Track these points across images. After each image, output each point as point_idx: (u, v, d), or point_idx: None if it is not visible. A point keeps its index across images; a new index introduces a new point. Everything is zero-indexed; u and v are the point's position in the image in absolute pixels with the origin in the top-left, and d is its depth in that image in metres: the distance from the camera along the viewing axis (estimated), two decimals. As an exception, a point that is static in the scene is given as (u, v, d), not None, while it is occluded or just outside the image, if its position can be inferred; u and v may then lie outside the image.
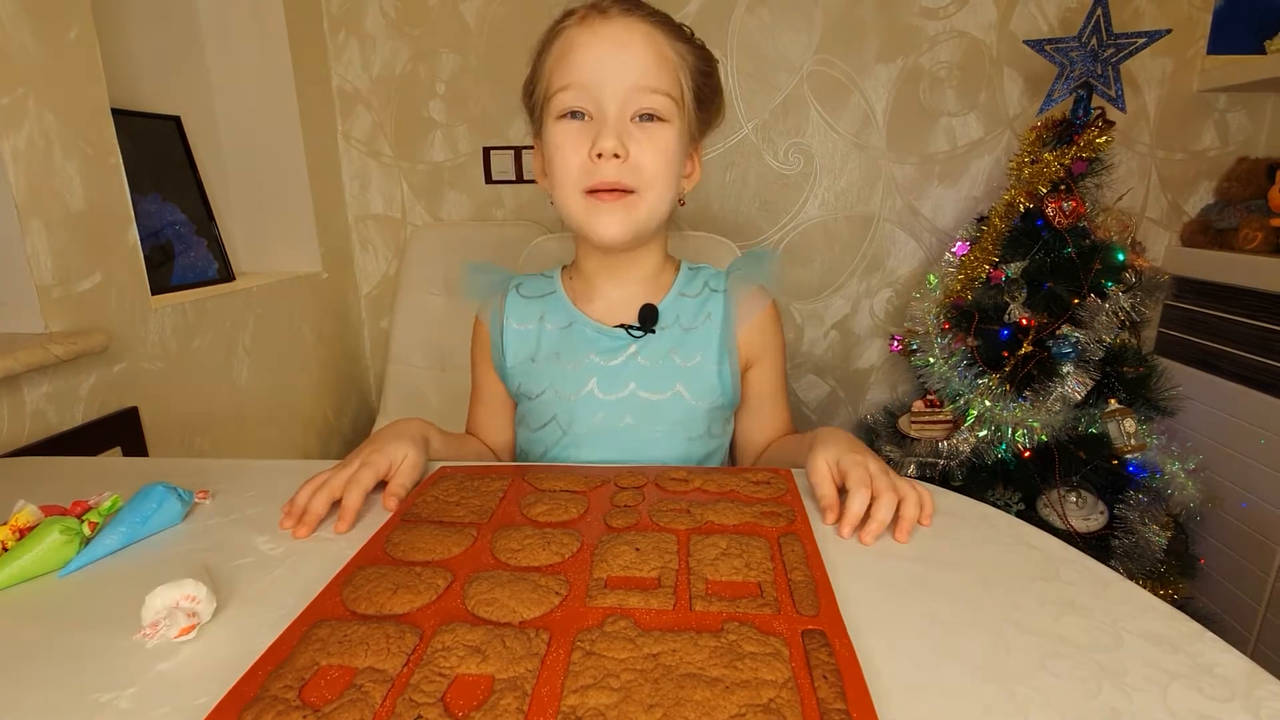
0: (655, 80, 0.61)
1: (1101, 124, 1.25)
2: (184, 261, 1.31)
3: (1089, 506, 1.28)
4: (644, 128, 0.62)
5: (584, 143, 0.61)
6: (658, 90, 0.61)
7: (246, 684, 0.35)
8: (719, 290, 0.73)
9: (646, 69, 0.60)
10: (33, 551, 0.47)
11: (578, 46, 0.61)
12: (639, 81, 0.60)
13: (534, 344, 0.73)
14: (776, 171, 1.56)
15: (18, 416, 0.87)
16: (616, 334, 0.70)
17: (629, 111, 0.61)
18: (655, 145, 0.62)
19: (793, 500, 0.55)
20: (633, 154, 0.61)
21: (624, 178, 0.62)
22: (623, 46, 0.60)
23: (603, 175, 0.61)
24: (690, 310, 0.71)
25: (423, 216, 1.66)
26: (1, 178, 0.86)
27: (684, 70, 0.63)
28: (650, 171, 0.62)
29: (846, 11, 1.46)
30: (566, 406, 0.71)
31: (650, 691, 0.34)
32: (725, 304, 0.71)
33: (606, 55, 0.60)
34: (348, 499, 0.53)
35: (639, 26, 0.61)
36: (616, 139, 0.60)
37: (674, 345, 0.70)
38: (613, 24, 0.60)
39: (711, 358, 0.70)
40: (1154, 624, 0.40)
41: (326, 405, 1.61)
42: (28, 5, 0.89)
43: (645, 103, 0.61)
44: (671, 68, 0.62)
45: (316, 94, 1.53)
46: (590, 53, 0.60)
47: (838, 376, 1.68)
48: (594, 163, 0.61)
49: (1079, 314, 1.24)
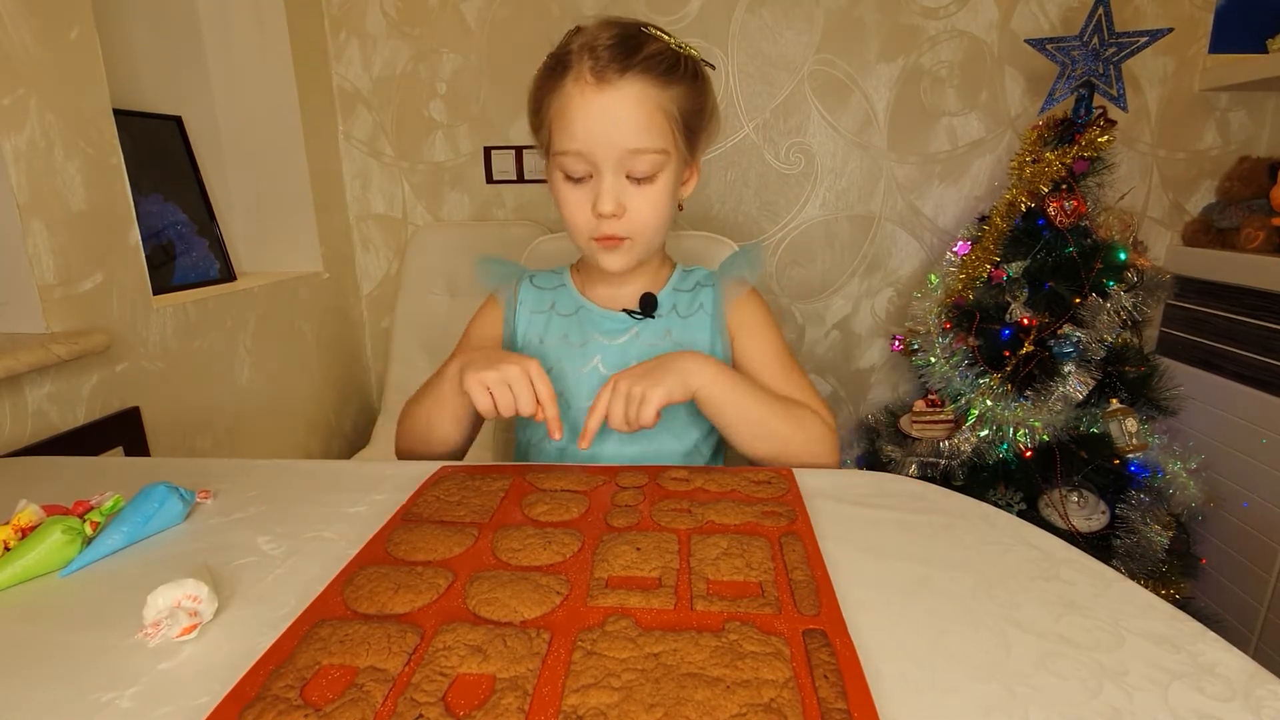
0: (646, 142, 0.66)
1: (1103, 123, 1.25)
2: (185, 261, 1.31)
3: (1090, 506, 1.28)
4: (638, 185, 0.68)
5: (587, 202, 0.68)
6: (648, 150, 0.66)
7: (248, 683, 0.35)
8: (709, 285, 0.80)
9: (638, 134, 0.65)
10: (35, 551, 0.47)
11: (575, 112, 0.65)
12: (631, 146, 0.65)
13: (543, 328, 0.80)
14: (777, 171, 1.56)
15: (20, 416, 0.88)
16: (620, 317, 0.78)
17: (623, 171, 0.67)
18: (648, 200, 0.69)
19: (794, 500, 0.55)
20: (629, 209, 0.68)
21: (621, 230, 0.69)
22: (615, 115, 0.65)
23: (604, 230, 0.69)
24: (685, 301, 0.79)
25: (424, 216, 1.67)
26: (3, 178, 0.87)
27: (675, 119, 0.68)
28: (643, 223, 0.70)
29: (847, 11, 1.46)
30: (572, 381, 0.77)
31: (651, 691, 0.34)
32: (715, 295, 0.79)
33: (601, 125, 0.65)
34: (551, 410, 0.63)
35: (630, 90, 0.64)
36: (614, 202, 0.67)
37: (671, 328, 0.77)
38: (605, 94, 0.64)
39: (705, 340, 0.77)
40: (1155, 624, 0.40)
41: (328, 405, 1.61)
42: (29, 5, 0.89)
43: (637, 165, 0.67)
44: (662, 122, 0.67)
45: (317, 94, 1.53)
46: (586, 121, 0.65)
47: (839, 376, 1.68)
48: (596, 219, 0.68)
49: (1080, 313, 1.24)
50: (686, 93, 0.68)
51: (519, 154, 1.59)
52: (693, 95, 0.69)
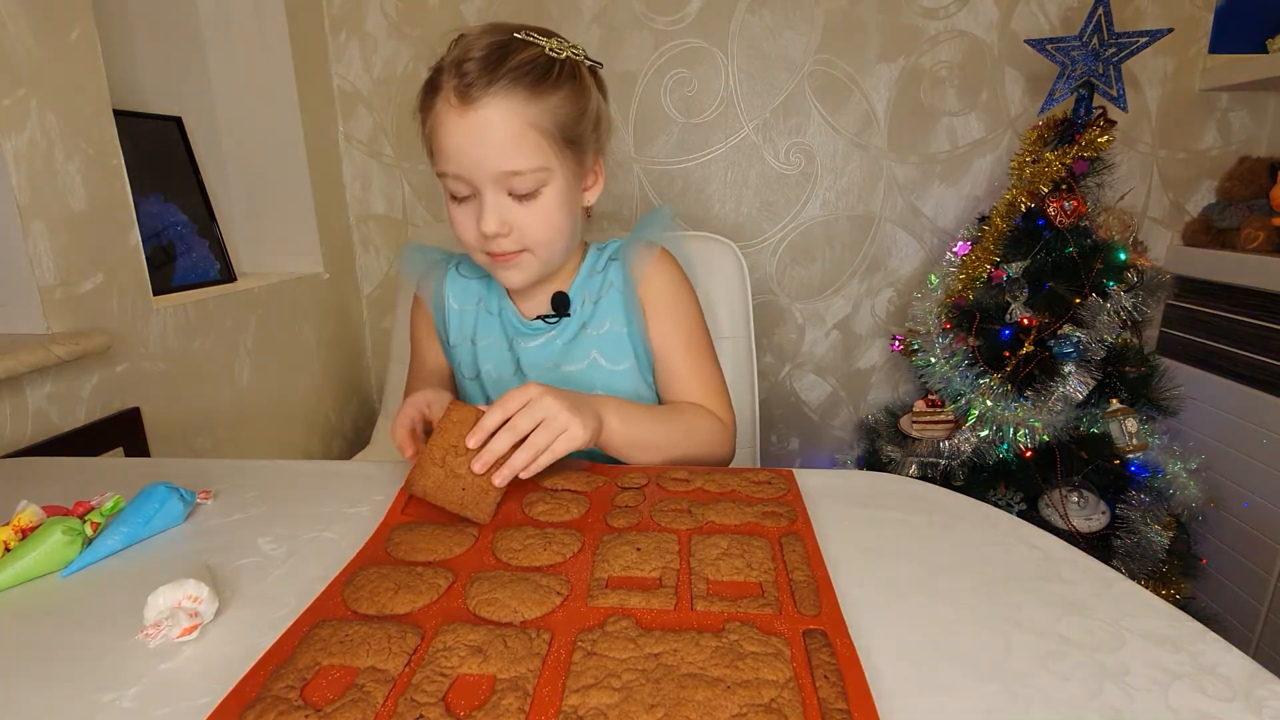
0: (519, 163, 0.63)
1: (1103, 123, 1.25)
2: (185, 262, 1.31)
3: (1090, 506, 1.28)
4: (521, 202, 0.66)
5: (472, 219, 0.66)
6: (522, 171, 0.64)
7: (248, 684, 0.35)
8: (618, 259, 0.76)
9: (508, 155, 0.63)
10: (35, 552, 0.47)
11: (445, 135, 0.63)
12: (503, 168, 0.63)
13: (472, 326, 0.79)
14: (777, 171, 1.55)
15: (20, 417, 0.88)
16: (535, 325, 0.77)
17: (504, 189, 0.65)
18: (535, 214, 0.66)
19: (794, 500, 0.55)
20: (515, 225, 0.66)
21: (511, 245, 0.67)
22: (482, 137, 0.62)
23: (493, 247, 0.67)
24: (595, 284, 0.76)
25: (424, 217, 1.66)
26: (3, 179, 0.87)
27: (550, 133, 0.64)
28: (534, 238, 0.67)
29: (847, 11, 1.46)
30: (499, 386, 0.77)
31: (651, 691, 0.34)
32: (622, 268, 0.76)
33: (470, 148, 0.63)
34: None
35: (495, 109, 0.61)
36: (498, 221, 0.65)
37: (586, 319, 0.76)
38: (470, 117, 0.62)
39: (620, 320, 0.75)
40: (1156, 624, 0.40)
41: (328, 405, 1.61)
42: (29, 6, 0.89)
43: (516, 184, 0.64)
44: (535, 139, 0.64)
45: (317, 94, 1.53)
46: (456, 144, 0.63)
47: (839, 376, 1.68)
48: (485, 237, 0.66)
49: (1080, 313, 1.24)
50: (563, 101, 0.65)
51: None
52: (571, 102, 0.65)
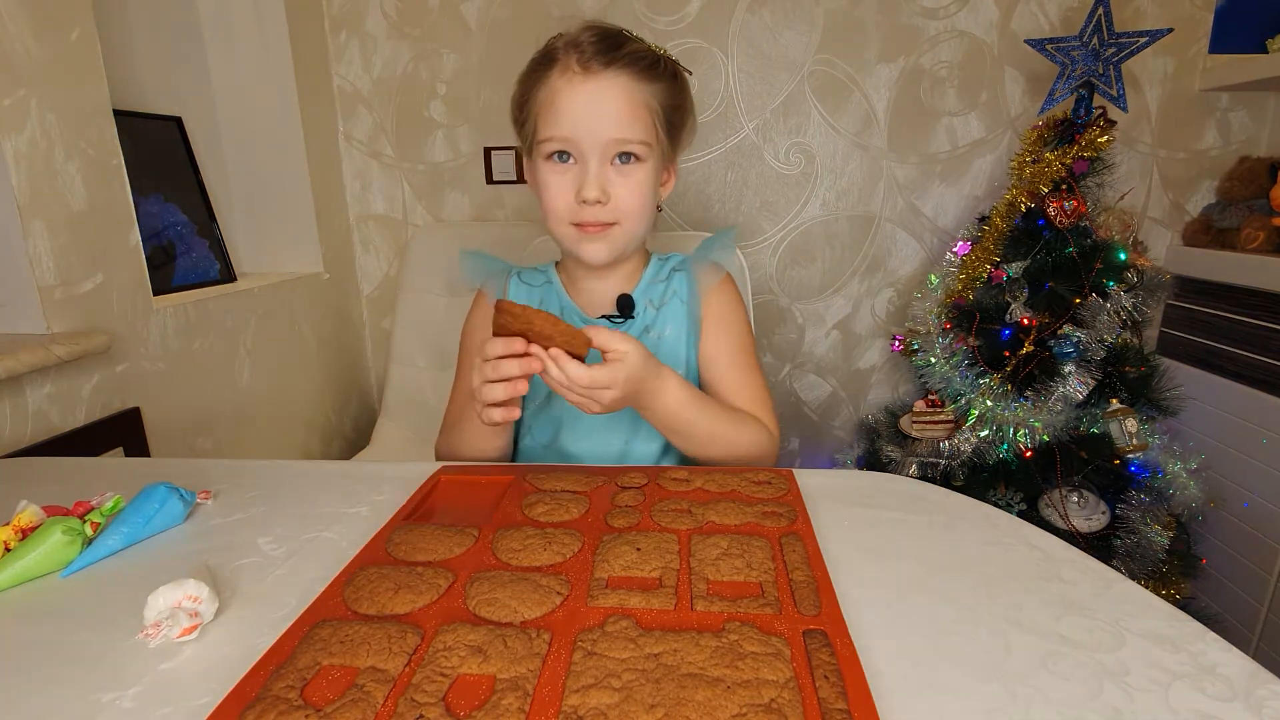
0: (630, 131, 0.67)
1: (1103, 123, 1.25)
2: (185, 262, 1.31)
3: (1090, 506, 1.28)
4: (621, 169, 0.69)
5: (570, 186, 0.69)
6: (632, 140, 0.68)
7: (248, 684, 0.35)
8: (683, 270, 0.80)
9: (621, 123, 0.67)
10: (35, 552, 0.47)
11: (561, 101, 0.67)
12: (615, 135, 0.67)
13: None
14: (777, 171, 1.56)
15: (20, 417, 0.88)
16: (600, 323, 0.77)
17: (608, 156, 0.68)
18: (631, 184, 0.69)
19: (794, 500, 0.55)
20: (612, 195, 0.69)
21: (605, 216, 0.70)
22: (601, 104, 0.67)
23: (587, 216, 0.69)
24: (659, 291, 0.79)
25: (424, 217, 1.67)
26: (3, 179, 0.87)
27: (656, 113, 0.70)
28: (627, 207, 0.70)
29: (847, 11, 1.46)
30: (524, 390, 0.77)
31: (651, 691, 0.34)
32: (688, 280, 0.79)
33: (586, 112, 0.67)
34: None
35: (616, 80, 0.67)
36: (599, 187, 0.68)
37: (649, 323, 0.78)
38: (591, 82, 0.66)
39: (681, 328, 0.78)
40: (1156, 624, 0.40)
41: (328, 405, 1.61)
42: (29, 6, 0.89)
43: (622, 151, 0.68)
44: (645, 114, 0.68)
45: (317, 94, 1.53)
46: (572, 109, 0.67)
47: (839, 376, 1.68)
48: (579, 205, 0.69)
49: (1080, 314, 1.24)
50: (667, 90, 0.70)
51: (519, 155, 1.59)
52: (673, 93, 0.71)
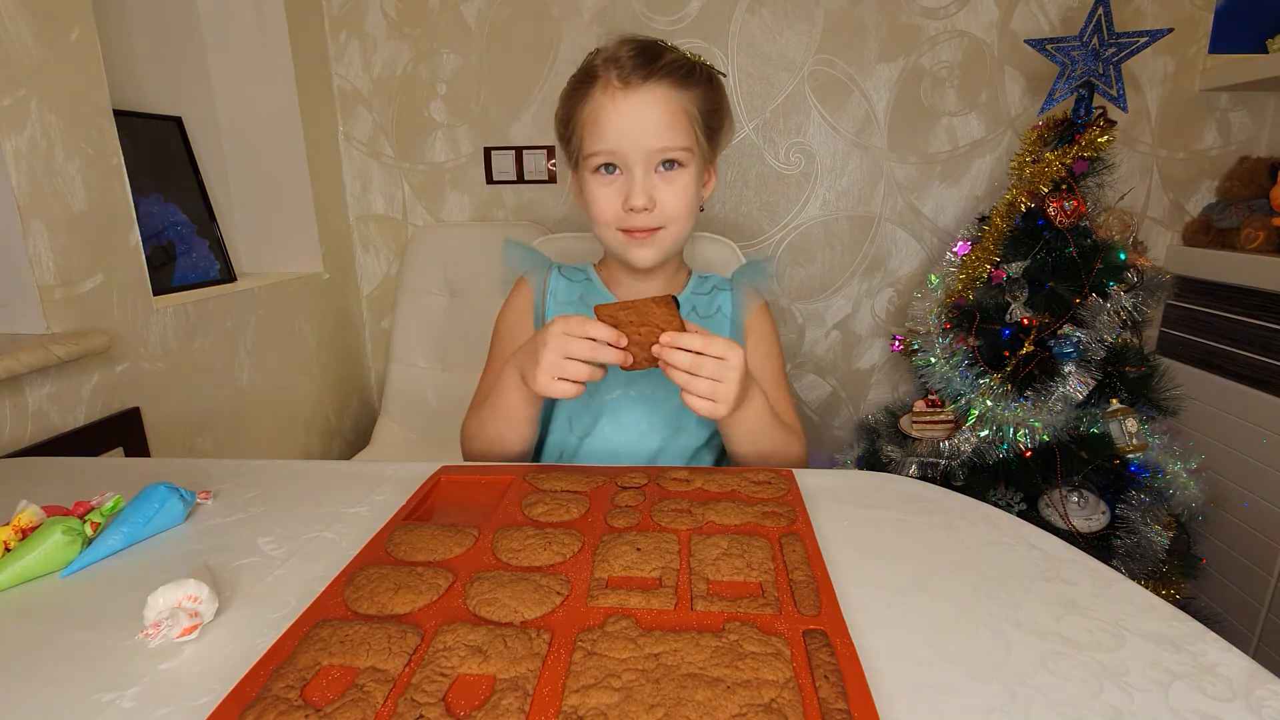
0: (672, 139, 0.71)
1: (1103, 123, 1.24)
2: (185, 262, 1.31)
3: (1090, 506, 1.28)
4: (665, 176, 0.72)
5: (617, 195, 0.72)
6: (675, 148, 0.71)
7: (248, 684, 0.35)
8: (726, 289, 0.84)
9: (663, 133, 0.70)
10: (35, 552, 0.47)
11: (604, 118, 0.71)
12: (658, 144, 0.70)
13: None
14: (777, 171, 1.56)
15: (20, 417, 0.88)
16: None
17: (652, 165, 0.72)
18: (676, 189, 0.73)
19: (794, 500, 0.55)
20: (658, 200, 0.72)
21: (652, 221, 0.73)
22: (643, 116, 0.70)
23: (634, 222, 0.73)
24: (704, 304, 0.83)
25: (424, 217, 1.67)
26: (3, 179, 0.87)
27: (696, 119, 0.73)
28: (673, 211, 0.73)
29: (847, 11, 1.46)
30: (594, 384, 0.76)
31: (651, 691, 0.34)
32: (734, 299, 0.83)
33: (630, 125, 0.70)
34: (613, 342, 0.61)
35: (655, 91, 0.70)
36: (645, 195, 0.71)
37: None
38: (632, 96, 0.70)
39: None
40: (1156, 624, 0.40)
41: (328, 405, 1.61)
42: (29, 6, 0.89)
43: (665, 158, 0.72)
44: (685, 122, 0.72)
45: (317, 94, 1.53)
46: (615, 125, 0.70)
47: (839, 376, 1.68)
48: (627, 213, 0.72)
49: (1080, 314, 1.24)
50: (704, 95, 0.73)
51: (519, 154, 1.59)
52: (710, 97, 0.74)
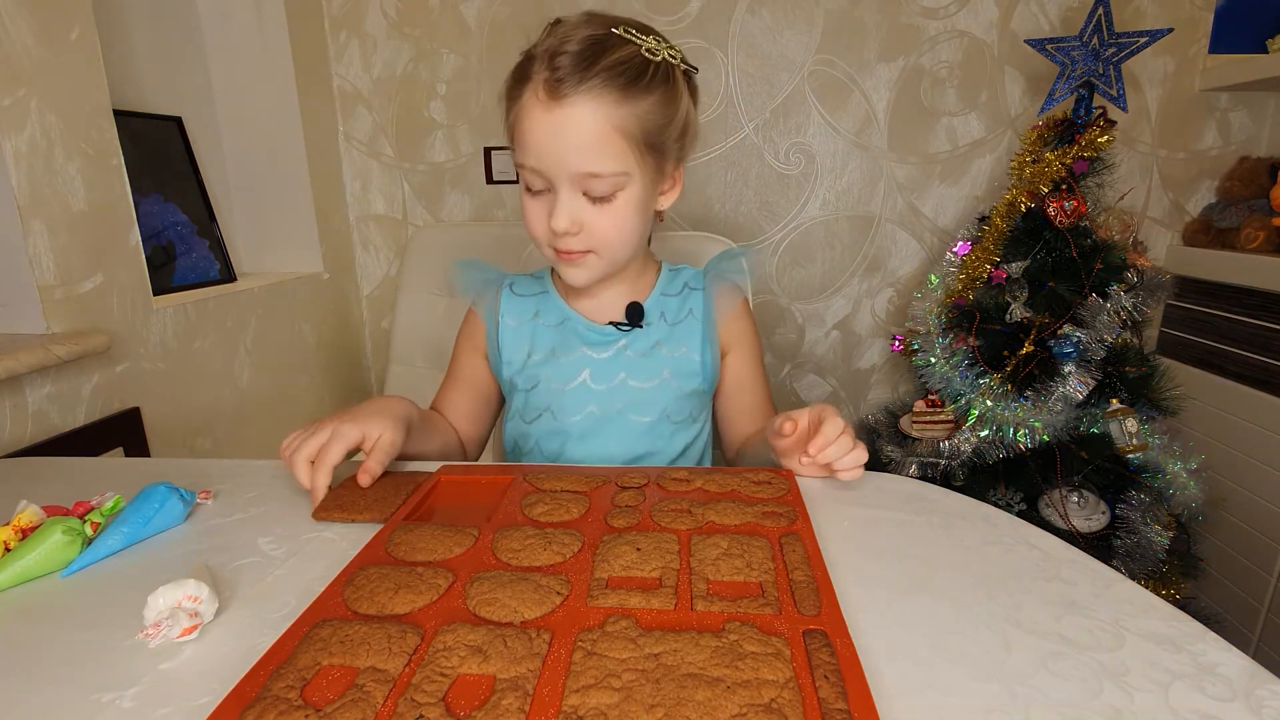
0: (600, 164, 0.63)
1: (1103, 123, 1.24)
2: (185, 262, 1.31)
3: (1090, 506, 1.28)
4: (595, 203, 0.65)
5: (545, 215, 0.66)
6: (601, 174, 0.63)
7: (248, 684, 0.35)
8: (698, 289, 0.78)
9: (590, 158, 0.62)
10: (35, 552, 0.47)
11: (529, 128, 0.63)
12: (584, 169, 0.63)
13: (529, 341, 0.78)
14: (777, 171, 1.55)
15: (20, 417, 0.88)
16: (607, 330, 0.76)
17: (580, 188, 0.64)
18: (607, 217, 0.66)
19: (794, 500, 0.54)
20: (586, 225, 0.65)
21: (579, 245, 0.67)
22: (566, 135, 0.62)
23: (561, 245, 0.67)
24: (674, 307, 0.77)
25: (424, 217, 1.67)
26: (3, 179, 0.87)
27: (634, 137, 0.63)
28: (604, 240, 0.67)
29: (847, 11, 1.45)
30: (560, 397, 0.75)
31: (652, 691, 0.34)
32: (705, 300, 0.77)
33: (552, 143, 0.62)
34: (316, 480, 0.56)
35: (584, 108, 0.61)
36: (569, 219, 0.64)
37: (660, 338, 0.76)
38: (558, 112, 0.61)
39: (695, 347, 0.76)
40: (1156, 624, 0.40)
41: (328, 406, 1.61)
42: (29, 6, 0.89)
43: (594, 186, 0.64)
44: (619, 143, 0.63)
45: (317, 94, 1.53)
46: (538, 139, 0.63)
47: (839, 376, 1.68)
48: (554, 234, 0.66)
49: (1080, 314, 1.24)
50: (652, 106, 0.63)
51: (519, 154, 1.59)
52: (660, 108, 0.64)
